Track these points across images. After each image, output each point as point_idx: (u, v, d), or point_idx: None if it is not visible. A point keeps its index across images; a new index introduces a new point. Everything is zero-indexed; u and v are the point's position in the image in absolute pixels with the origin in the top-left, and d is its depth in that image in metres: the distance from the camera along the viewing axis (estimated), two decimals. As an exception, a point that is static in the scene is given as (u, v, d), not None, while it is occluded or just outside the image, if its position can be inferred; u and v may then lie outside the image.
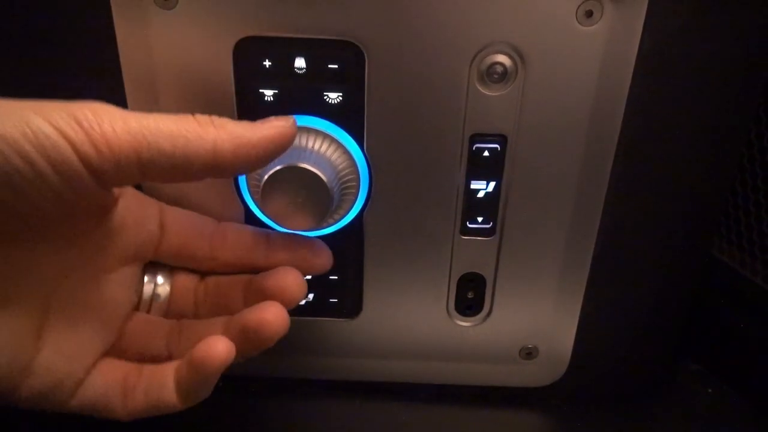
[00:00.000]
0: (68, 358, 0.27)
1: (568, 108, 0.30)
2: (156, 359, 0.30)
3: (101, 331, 0.28)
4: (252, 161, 0.26)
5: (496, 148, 0.32)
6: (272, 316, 0.28)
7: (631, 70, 0.29)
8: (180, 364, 0.28)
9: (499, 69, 0.30)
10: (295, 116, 0.31)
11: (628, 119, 0.31)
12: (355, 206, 0.33)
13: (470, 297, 0.36)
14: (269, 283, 0.30)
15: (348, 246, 0.34)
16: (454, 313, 0.37)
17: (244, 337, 0.29)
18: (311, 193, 0.30)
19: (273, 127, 0.26)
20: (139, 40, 0.29)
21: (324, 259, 0.32)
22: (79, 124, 0.22)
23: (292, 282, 0.30)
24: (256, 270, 0.31)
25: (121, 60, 0.30)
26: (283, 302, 0.29)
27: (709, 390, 0.42)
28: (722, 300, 0.43)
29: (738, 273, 0.42)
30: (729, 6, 0.28)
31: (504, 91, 0.30)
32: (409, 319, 0.37)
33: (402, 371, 0.39)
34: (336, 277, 0.35)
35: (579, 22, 0.28)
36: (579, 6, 0.28)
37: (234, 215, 0.33)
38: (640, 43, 0.29)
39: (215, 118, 0.25)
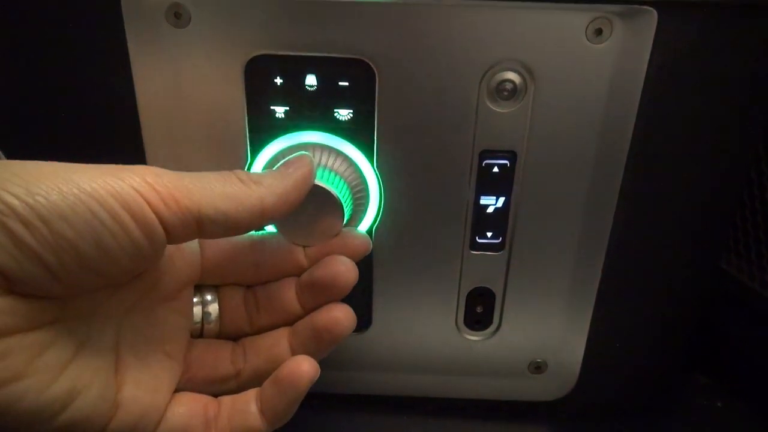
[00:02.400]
0: (148, 389, 0.27)
1: (577, 125, 0.30)
2: (225, 381, 0.30)
3: (169, 362, 0.29)
4: (290, 206, 0.27)
5: (506, 164, 0.32)
6: (341, 313, 0.30)
7: (641, 87, 0.30)
8: (263, 387, 0.29)
9: (508, 86, 0.30)
10: (306, 132, 0.31)
11: (637, 135, 0.31)
12: (365, 221, 0.33)
13: (479, 311, 0.36)
14: (320, 273, 0.30)
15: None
16: (463, 327, 0.37)
17: (316, 340, 0.30)
18: (322, 209, 0.30)
19: (297, 168, 0.28)
20: (152, 57, 0.29)
21: (362, 240, 0.31)
22: (148, 183, 0.23)
23: (343, 267, 0.30)
24: (299, 271, 0.31)
25: (134, 78, 0.30)
26: (338, 289, 0.30)
27: (719, 404, 0.42)
28: (731, 313, 0.43)
29: (746, 286, 0.42)
30: (737, 24, 0.29)
31: (513, 108, 0.30)
32: (418, 333, 0.37)
33: (411, 385, 0.39)
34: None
35: (588, 40, 0.29)
36: (588, 24, 0.28)
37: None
38: (649, 61, 0.29)
39: (251, 174, 0.27)
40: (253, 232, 0.32)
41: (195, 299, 0.31)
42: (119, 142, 0.31)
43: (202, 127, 0.31)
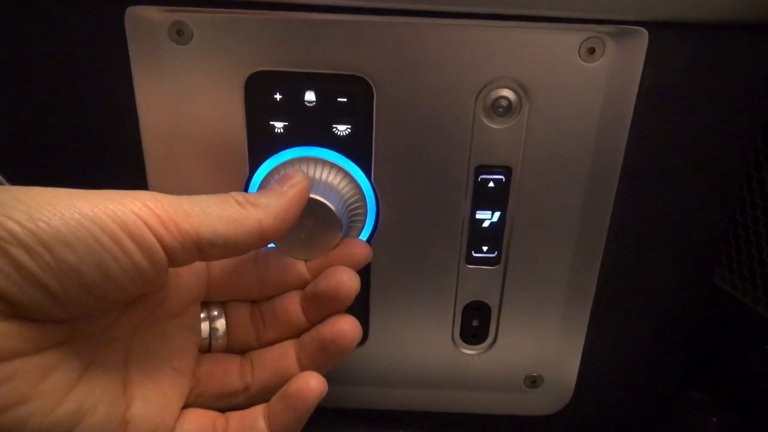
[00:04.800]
0: (157, 407, 0.28)
1: (571, 141, 0.31)
2: (234, 395, 0.31)
3: (178, 378, 0.29)
4: (287, 225, 0.28)
5: (501, 179, 0.32)
6: (347, 325, 0.30)
7: (633, 105, 0.30)
8: (271, 403, 0.29)
9: (503, 103, 0.30)
10: (304, 147, 0.32)
11: (630, 152, 0.31)
12: (362, 235, 0.34)
13: (475, 325, 0.36)
14: (323, 285, 0.30)
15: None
16: (459, 341, 0.37)
17: (322, 352, 0.30)
18: (320, 222, 0.30)
19: (293, 186, 0.28)
20: (154, 74, 0.30)
21: (362, 248, 0.32)
22: (148, 207, 0.23)
23: (345, 277, 0.30)
24: (303, 284, 0.31)
25: (136, 93, 0.30)
26: (341, 300, 0.30)
27: (714, 419, 0.42)
28: (725, 329, 0.43)
29: (740, 301, 0.42)
30: (727, 44, 0.29)
31: (509, 125, 0.31)
32: (414, 347, 0.37)
33: (407, 399, 0.39)
34: (342, 305, 0.36)
35: (581, 59, 0.29)
36: (582, 43, 0.29)
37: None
38: (641, 79, 0.30)
39: (247, 196, 0.27)
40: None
41: (202, 315, 0.31)
42: (121, 156, 0.32)
43: (202, 142, 0.31)
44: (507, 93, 0.30)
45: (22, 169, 0.32)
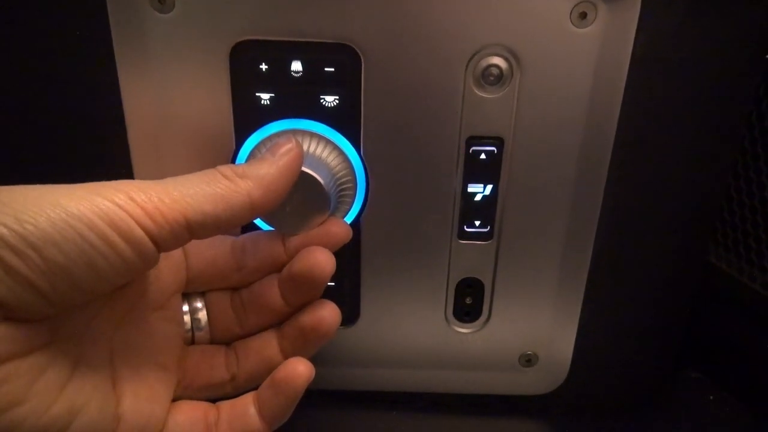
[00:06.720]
0: (147, 401, 0.28)
1: (563, 109, 0.30)
2: (222, 386, 0.31)
3: (164, 372, 0.29)
4: (280, 193, 0.27)
5: (493, 150, 0.32)
6: (326, 312, 0.30)
7: (626, 71, 0.30)
8: (260, 390, 0.29)
9: (494, 71, 0.30)
10: (291, 119, 0.31)
11: (624, 121, 0.31)
12: (351, 210, 0.33)
13: (469, 303, 0.36)
14: (297, 266, 0.30)
15: (344, 251, 0.34)
16: (452, 319, 0.36)
17: (304, 339, 0.31)
18: (308, 196, 0.30)
19: (284, 154, 0.28)
20: (136, 43, 0.29)
21: (341, 227, 0.31)
22: (133, 200, 0.23)
23: (320, 257, 0.30)
24: (282, 267, 0.31)
25: (117, 64, 0.30)
26: (316, 280, 0.30)
27: (710, 397, 0.42)
28: (721, 307, 0.43)
29: (736, 279, 0.42)
30: (721, 8, 0.29)
31: (500, 94, 0.30)
32: (407, 326, 0.36)
33: (400, 379, 0.38)
34: (332, 284, 0.35)
35: (573, 24, 0.29)
36: (573, 8, 0.28)
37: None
38: (634, 45, 0.29)
39: (236, 168, 0.26)
40: (232, 237, 0.32)
41: (185, 307, 0.31)
42: (102, 130, 0.31)
43: (187, 115, 0.31)
44: (498, 61, 0.30)
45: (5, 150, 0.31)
